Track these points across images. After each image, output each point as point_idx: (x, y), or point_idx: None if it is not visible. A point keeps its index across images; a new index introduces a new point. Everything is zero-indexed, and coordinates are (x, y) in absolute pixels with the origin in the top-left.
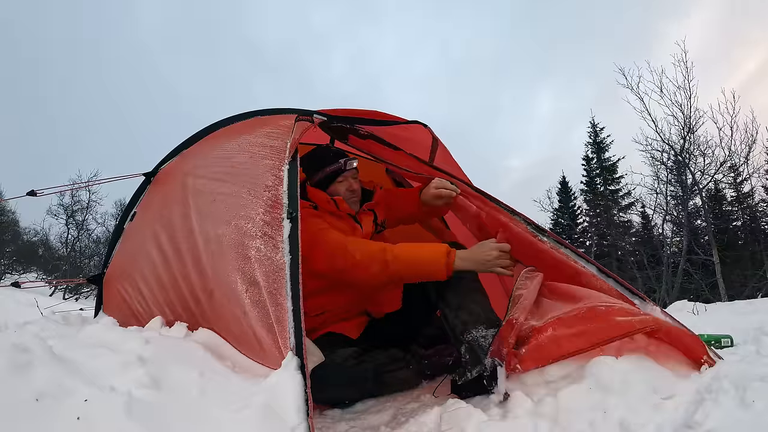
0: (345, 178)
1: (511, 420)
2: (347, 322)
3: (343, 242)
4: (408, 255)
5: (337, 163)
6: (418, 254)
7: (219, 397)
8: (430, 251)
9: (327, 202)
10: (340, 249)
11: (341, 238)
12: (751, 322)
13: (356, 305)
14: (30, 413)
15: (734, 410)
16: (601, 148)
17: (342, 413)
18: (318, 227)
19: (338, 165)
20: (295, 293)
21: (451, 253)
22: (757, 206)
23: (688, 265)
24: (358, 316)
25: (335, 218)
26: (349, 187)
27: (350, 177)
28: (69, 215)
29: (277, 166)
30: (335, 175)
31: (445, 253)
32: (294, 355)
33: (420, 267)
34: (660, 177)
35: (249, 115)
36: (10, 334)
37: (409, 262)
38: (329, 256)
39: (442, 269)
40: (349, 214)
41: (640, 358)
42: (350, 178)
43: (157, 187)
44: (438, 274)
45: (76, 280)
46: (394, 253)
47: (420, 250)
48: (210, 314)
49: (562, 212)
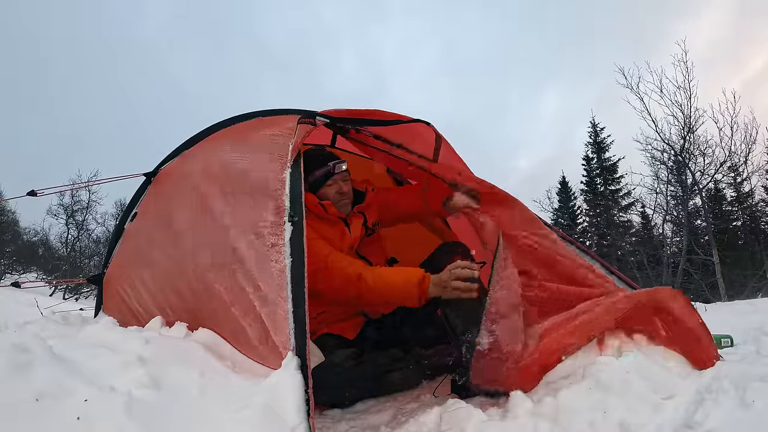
0: (334, 181)
1: (511, 420)
2: (344, 322)
3: (324, 260)
4: (382, 284)
5: (325, 167)
6: (393, 282)
7: (219, 397)
8: (403, 280)
9: (315, 205)
10: (320, 269)
11: (323, 255)
12: (751, 322)
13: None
14: (30, 413)
15: (734, 410)
16: (601, 148)
17: (342, 413)
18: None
19: (327, 168)
20: (297, 295)
21: (424, 281)
22: (757, 206)
23: (688, 265)
24: (355, 317)
25: (324, 223)
26: (338, 190)
27: (339, 180)
28: (69, 215)
29: (279, 170)
30: (324, 178)
31: (418, 283)
32: (294, 355)
33: (395, 294)
34: (660, 177)
35: (250, 116)
36: (10, 334)
37: (384, 290)
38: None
39: (415, 298)
40: (340, 217)
41: (640, 357)
42: (340, 180)
43: (158, 187)
44: (413, 302)
45: (76, 280)
46: (368, 283)
47: (395, 278)
48: (210, 314)
49: (562, 212)
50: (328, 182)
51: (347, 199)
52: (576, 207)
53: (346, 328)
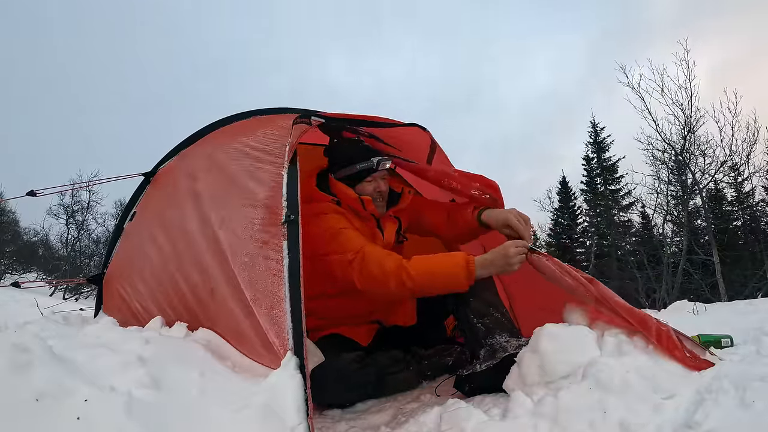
0: (374, 178)
1: (511, 420)
2: (357, 327)
3: (361, 250)
4: (426, 271)
5: (368, 162)
6: (437, 269)
7: (219, 397)
8: (448, 264)
9: (354, 200)
10: (357, 258)
11: (359, 244)
12: (751, 322)
13: (367, 314)
14: (30, 413)
15: (734, 410)
16: (601, 148)
17: (342, 413)
18: (338, 225)
19: (370, 164)
20: (293, 295)
21: (470, 262)
22: (757, 206)
23: (688, 265)
24: (368, 324)
25: (359, 219)
26: (377, 188)
27: (379, 178)
28: (69, 215)
29: (276, 170)
30: (366, 173)
31: (464, 264)
32: (293, 355)
33: (440, 281)
34: (660, 177)
35: (247, 115)
36: (10, 334)
37: (428, 278)
38: (344, 264)
39: (464, 281)
40: (374, 215)
41: (640, 357)
42: (380, 179)
43: (157, 186)
44: (460, 287)
45: (76, 280)
46: (410, 272)
47: (438, 265)
48: (210, 314)
49: (562, 212)
50: (368, 178)
51: (383, 199)
52: (576, 207)
53: (360, 333)
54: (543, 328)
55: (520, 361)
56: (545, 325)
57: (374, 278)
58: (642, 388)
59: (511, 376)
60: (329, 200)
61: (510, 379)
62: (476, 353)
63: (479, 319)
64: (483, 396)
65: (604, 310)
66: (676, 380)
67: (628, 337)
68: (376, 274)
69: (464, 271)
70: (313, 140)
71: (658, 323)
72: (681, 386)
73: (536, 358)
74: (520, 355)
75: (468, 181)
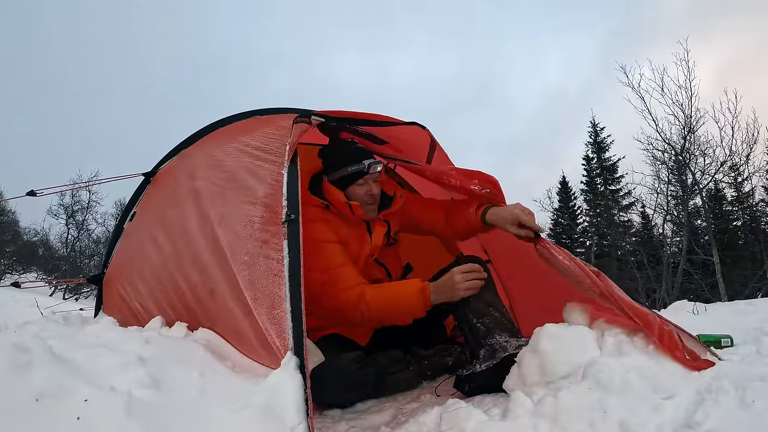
0: (366, 181)
1: (511, 420)
2: (356, 327)
3: (334, 274)
4: (383, 304)
5: (359, 165)
6: (393, 301)
7: (219, 397)
8: (405, 294)
9: (342, 204)
10: (328, 280)
11: (335, 264)
12: (751, 322)
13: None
14: (30, 413)
15: (734, 410)
16: (601, 148)
17: (342, 413)
18: (322, 237)
19: (361, 167)
20: (293, 295)
21: (425, 289)
22: (757, 206)
23: (688, 265)
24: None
25: (345, 223)
26: (369, 191)
27: (371, 181)
28: (69, 215)
29: (276, 170)
30: (357, 176)
31: (419, 292)
32: (293, 355)
33: (396, 311)
34: (660, 177)
35: (247, 115)
36: (10, 334)
37: (385, 310)
38: (321, 284)
39: (420, 310)
40: (363, 220)
41: (640, 357)
42: (371, 181)
43: (157, 186)
44: (417, 314)
45: (76, 280)
46: (369, 304)
47: (395, 297)
48: (210, 314)
49: (562, 212)
50: (359, 181)
51: (375, 202)
52: (576, 207)
53: (358, 333)
54: (543, 328)
55: (520, 361)
56: (545, 325)
57: (337, 303)
58: (642, 388)
59: (511, 376)
60: (318, 204)
61: (510, 379)
62: (476, 353)
63: (479, 319)
64: (483, 396)
65: (607, 306)
66: (676, 380)
67: (628, 337)
68: (337, 301)
69: (420, 299)
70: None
71: (662, 322)
72: (681, 386)
73: (536, 358)
74: (520, 355)
75: (466, 177)
